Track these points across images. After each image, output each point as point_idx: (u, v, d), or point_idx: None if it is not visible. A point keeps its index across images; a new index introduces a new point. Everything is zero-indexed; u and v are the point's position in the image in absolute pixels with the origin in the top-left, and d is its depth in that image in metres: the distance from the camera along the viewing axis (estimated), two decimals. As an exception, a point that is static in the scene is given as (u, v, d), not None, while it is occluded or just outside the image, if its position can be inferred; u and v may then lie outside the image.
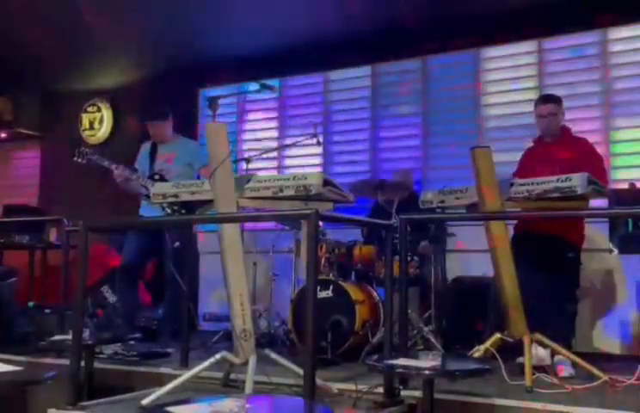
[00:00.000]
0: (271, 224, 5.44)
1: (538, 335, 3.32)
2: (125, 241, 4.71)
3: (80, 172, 4.95)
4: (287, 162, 6.31)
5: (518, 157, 4.30)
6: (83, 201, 6.65)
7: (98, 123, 7.24)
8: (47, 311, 5.01)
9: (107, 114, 7.23)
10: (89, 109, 7.29)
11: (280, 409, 2.44)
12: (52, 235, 5.88)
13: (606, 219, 4.12)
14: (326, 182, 3.02)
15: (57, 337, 3.72)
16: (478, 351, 3.44)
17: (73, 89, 7.25)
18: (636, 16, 4.97)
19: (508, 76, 5.49)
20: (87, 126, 7.29)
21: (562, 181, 3.13)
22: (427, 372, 2.51)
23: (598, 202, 3.80)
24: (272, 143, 6.30)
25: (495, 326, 3.61)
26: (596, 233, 4.30)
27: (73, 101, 7.34)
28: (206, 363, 3.00)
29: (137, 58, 6.56)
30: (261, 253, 5.36)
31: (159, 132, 4.73)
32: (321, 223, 4.03)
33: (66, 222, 4.64)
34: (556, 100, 4.07)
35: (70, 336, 2.91)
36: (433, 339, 4.18)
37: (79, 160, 4.79)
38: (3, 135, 7.57)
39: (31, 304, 5.28)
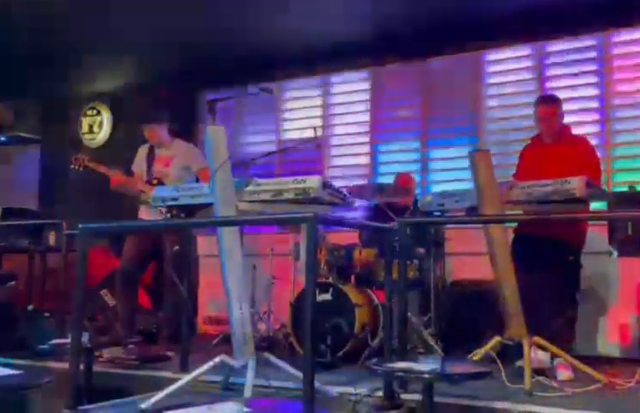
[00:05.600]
0: (270, 228, 5.44)
1: (538, 339, 3.32)
2: (124, 244, 4.70)
3: (79, 175, 4.95)
4: (287, 165, 6.31)
5: (517, 160, 4.30)
6: (83, 205, 6.66)
7: (98, 126, 7.25)
8: (46, 314, 5.01)
9: (106, 117, 7.24)
10: (89, 113, 7.30)
11: (280, 412, 2.44)
12: (52, 238, 5.88)
13: (606, 222, 4.11)
14: (325, 186, 3.02)
15: (56, 341, 3.72)
16: (478, 354, 3.44)
17: (73, 93, 7.26)
18: (636, 20, 4.97)
19: (508, 79, 5.50)
20: (86, 130, 7.30)
21: (561, 183, 3.14)
22: (426, 375, 2.50)
23: (598, 205, 3.80)
24: (272, 146, 6.30)
25: (494, 329, 3.61)
26: (596, 236, 4.30)
27: (73, 105, 7.34)
28: (206, 367, 3.00)
29: (136, 62, 6.57)
30: (260, 256, 5.35)
31: (155, 135, 4.72)
32: (320, 226, 4.03)
33: (65, 226, 4.64)
34: (554, 101, 4.05)
35: (69, 340, 2.90)
36: (432, 342, 4.17)
37: (76, 168, 4.80)
38: (3, 138, 7.57)
39: (30, 307, 5.27)
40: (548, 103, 4.05)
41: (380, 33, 5.55)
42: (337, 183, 3.28)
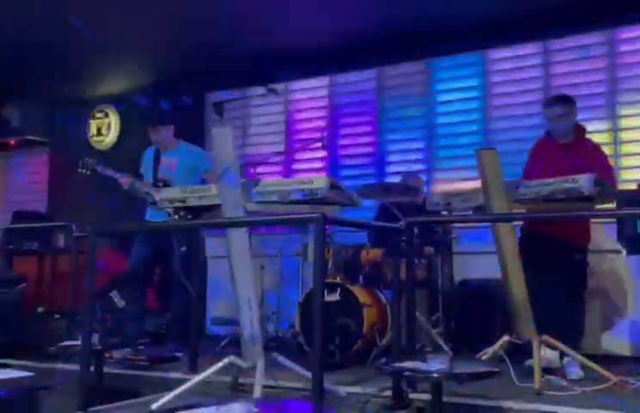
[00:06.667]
0: (278, 228, 5.45)
1: (547, 337, 3.31)
2: (132, 246, 4.73)
3: (88, 178, 4.98)
4: (294, 166, 6.33)
5: (524, 158, 4.28)
6: (92, 207, 6.70)
7: (106, 129, 7.29)
8: (57, 316, 5.04)
9: (114, 119, 7.27)
10: (97, 115, 7.34)
11: (288, 412, 2.45)
12: (61, 241, 5.92)
13: (615, 220, 4.10)
14: (332, 186, 3.03)
15: (66, 343, 3.74)
16: (487, 354, 3.43)
17: (81, 96, 7.30)
18: (643, 16, 4.95)
19: (515, 77, 5.48)
20: (95, 133, 7.33)
21: (568, 182, 3.12)
22: (435, 374, 2.51)
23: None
24: (278, 147, 6.31)
25: (503, 328, 3.60)
26: (604, 234, 4.29)
27: (81, 108, 7.38)
28: (215, 367, 3.01)
29: (144, 64, 6.60)
30: (268, 257, 5.37)
31: (161, 137, 4.75)
32: (328, 226, 4.04)
33: (75, 228, 4.67)
34: (563, 101, 3.95)
35: (79, 342, 2.92)
36: (441, 342, 4.17)
37: (84, 171, 4.83)
38: (12, 142, 7.62)
39: (40, 309, 5.31)
40: (553, 104, 3.98)
41: (386, 33, 5.54)
42: (344, 183, 3.28)
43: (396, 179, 5.36)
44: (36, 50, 6.04)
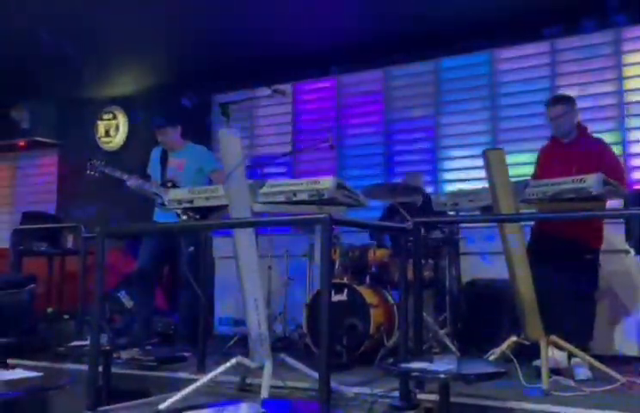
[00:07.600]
0: (286, 229, 5.46)
1: (555, 338, 3.30)
2: (140, 247, 4.75)
3: (96, 179, 5.01)
4: (300, 166, 6.33)
5: (531, 158, 4.28)
6: (100, 208, 6.73)
7: (114, 130, 7.33)
8: (66, 316, 5.08)
9: (122, 121, 7.31)
10: (105, 117, 7.37)
11: (296, 413, 2.46)
12: (70, 241, 5.96)
13: (623, 220, 4.07)
14: (339, 186, 3.03)
15: (75, 343, 3.76)
16: (494, 354, 3.42)
17: (89, 97, 7.34)
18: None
19: (521, 77, 5.47)
20: (103, 134, 7.37)
21: (576, 182, 3.11)
22: (442, 375, 2.50)
23: (614, 203, 3.77)
24: (285, 147, 6.32)
25: (511, 329, 3.59)
26: (613, 234, 4.26)
27: (89, 109, 7.42)
28: (222, 367, 3.02)
29: (151, 65, 6.63)
30: (275, 257, 5.37)
31: (168, 139, 4.77)
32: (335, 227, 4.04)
33: (83, 229, 4.70)
34: (564, 100, 4.01)
35: (88, 342, 2.94)
36: (448, 342, 4.16)
37: (92, 173, 4.86)
38: (21, 143, 7.67)
39: (50, 310, 5.35)
40: (555, 104, 4.01)
41: (393, 33, 5.54)
42: (351, 183, 3.28)
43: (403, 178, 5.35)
44: (45, 51, 6.07)
